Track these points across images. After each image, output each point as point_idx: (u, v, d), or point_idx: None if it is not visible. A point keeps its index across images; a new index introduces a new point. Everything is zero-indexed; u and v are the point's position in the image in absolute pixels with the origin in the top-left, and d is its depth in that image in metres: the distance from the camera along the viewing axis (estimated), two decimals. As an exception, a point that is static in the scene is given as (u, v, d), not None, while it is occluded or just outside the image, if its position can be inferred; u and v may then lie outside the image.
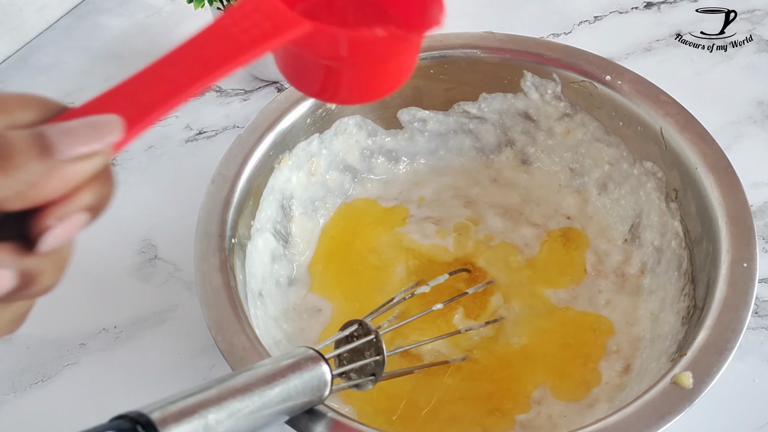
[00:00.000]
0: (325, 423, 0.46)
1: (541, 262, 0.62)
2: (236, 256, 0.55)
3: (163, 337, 0.61)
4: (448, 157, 0.68)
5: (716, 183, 0.55)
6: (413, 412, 0.55)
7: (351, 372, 0.49)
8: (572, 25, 0.80)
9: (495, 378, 0.57)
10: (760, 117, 0.72)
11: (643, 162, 0.61)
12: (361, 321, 0.49)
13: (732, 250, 0.52)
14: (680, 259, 0.57)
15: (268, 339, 0.55)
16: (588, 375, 0.56)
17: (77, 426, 0.37)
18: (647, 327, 0.58)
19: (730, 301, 0.50)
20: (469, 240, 0.64)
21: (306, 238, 0.63)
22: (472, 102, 0.65)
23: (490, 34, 0.64)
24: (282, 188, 0.61)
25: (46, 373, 0.60)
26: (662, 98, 0.60)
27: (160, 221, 0.67)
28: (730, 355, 0.48)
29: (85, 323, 0.62)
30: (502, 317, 0.59)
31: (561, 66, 0.62)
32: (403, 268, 0.62)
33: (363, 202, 0.66)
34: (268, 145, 0.59)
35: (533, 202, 0.66)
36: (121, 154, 0.72)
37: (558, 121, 0.64)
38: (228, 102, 0.75)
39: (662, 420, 0.46)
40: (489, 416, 0.55)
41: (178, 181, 0.70)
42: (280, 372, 0.43)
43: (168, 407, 0.38)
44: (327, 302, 0.61)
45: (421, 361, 0.57)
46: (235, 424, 0.40)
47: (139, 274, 0.65)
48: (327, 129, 0.63)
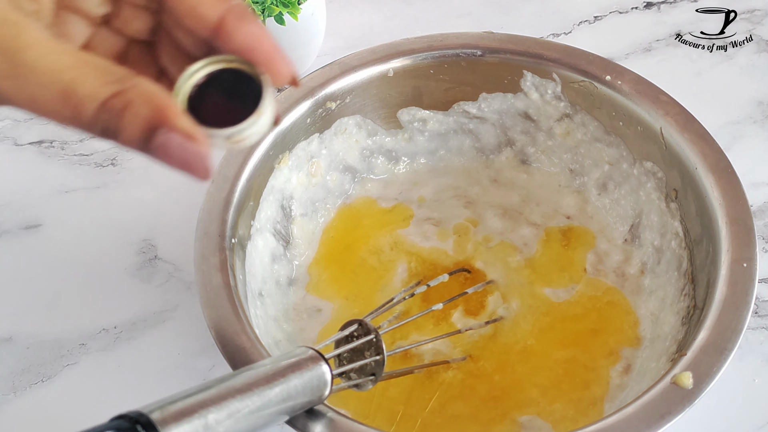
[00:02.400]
0: (325, 423, 0.46)
1: (540, 262, 0.62)
2: (236, 256, 0.55)
3: (163, 337, 0.61)
4: (448, 157, 0.68)
5: (716, 183, 0.55)
6: (413, 411, 0.55)
7: (351, 372, 0.49)
8: (572, 25, 0.80)
9: (495, 378, 0.57)
10: (760, 117, 0.72)
11: (643, 162, 0.61)
12: (361, 321, 0.49)
13: (732, 250, 0.52)
14: (680, 259, 0.57)
15: (268, 339, 0.55)
16: (588, 374, 0.56)
17: (77, 426, 0.37)
18: (647, 327, 0.58)
19: (730, 301, 0.50)
20: (469, 242, 0.64)
21: (306, 239, 0.63)
22: (472, 102, 0.65)
23: (490, 34, 0.64)
24: (282, 188, 0.61)
25: (46, 373, 0.60)
26: (662, 98, 0.60)
27: (160, 221, 0.67)
28: (730, 355, 0.48)
29: (85, 323, 0.62)
30: (502, 317, 0.59)
31: (561, 66, 0.62)
32: (403, 269, 0.62)
33: (363, 203, 0.66)
34: (268, 145, 0.59)
35: (533, 202, 0.66)
36: (120, 154, 0.72)
37: (558, 121, 0.64)
38: (228, 102, 0.75)
39: (662, 420, 0.46)
40: (489, 416, 0.55)
41: (178, 181, 0.69)
42: (280, 372, 0.43)
43: (168, 407, 0.38)
44: (327, 302, 0.61)
45: (421, 360, 0.57)
46: (235, 424, 0.40)
47: (139, 274, 0.65)
48: (327, 129, 0.63)
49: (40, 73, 0.30)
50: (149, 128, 0.31)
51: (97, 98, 0.30)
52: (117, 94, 0.30)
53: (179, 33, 0.35)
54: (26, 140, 0.73)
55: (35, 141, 0.73)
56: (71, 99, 0.30)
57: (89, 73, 0.30)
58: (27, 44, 0.30)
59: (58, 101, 0.30)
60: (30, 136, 0.73)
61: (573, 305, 0.60)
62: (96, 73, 0.31)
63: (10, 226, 0.68)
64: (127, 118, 0.30)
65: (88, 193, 0.70)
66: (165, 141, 0.31)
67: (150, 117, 0.30)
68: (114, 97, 0.30)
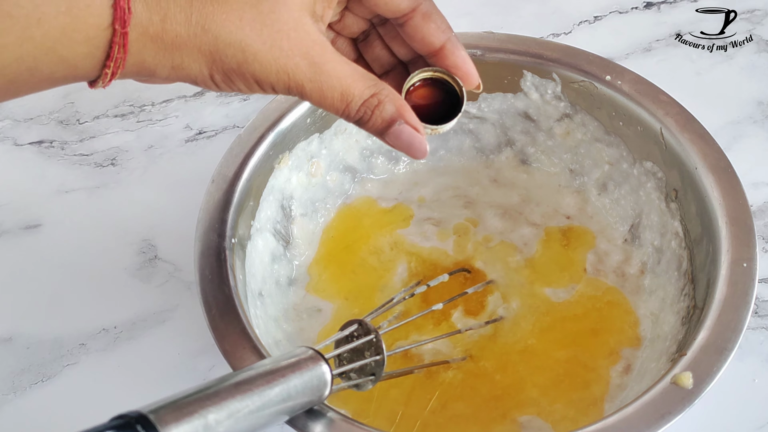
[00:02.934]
0: (325, 423, 0.46)
1: (540, 262, 0.62)
2: (236, 256, 0.55)
3: (163, 337, 0.61)
4: (448, 157, 0.68)
5: (716, 183, 0.55)
6: (413, 412, 0.55)
7: (351, 372, 0.49)
8: (572, 25, 0.80)
9: (495, 378, 0.57)
10: (760, 117, 0.72)
11: (643, 162, 0.61)
12: (361, 321, 0.49)
13: (732, 250, 0.52)
14: (680, 259, 0.57)
15: (268, 339, 0.55)
16: (588, 374, 0.56)
17: (77, 426, 0.37)
18: (647, 327, 0.58)
19: (730, 301, 0.50)
20: (469, 242, 0.64)
21: (306, 239, 0.63)
22: (472, 102, 0.65)
23: (490, 34, 0.64)
24: (282, 188, 0.61)
25: (46, 373, 0.60)
26: (662, 98, 0.60)
27: (160, 221, 0.67)
28: (730, 355, 0.48)
29: (85, 323, 0.62)
30: (502, 317, 0.59)
31: (561, 66, 0.62)
32: (403, 269, 0.62)
33: (363, 203, 0.66)
34: (268, 145, 0.59)
35: (533, 202, 0.66)
36: (120, 154, 0.72)
37: (558, 121, 0.64)
38: (228, 102, 0.75)
39: (662, 420, 0.46)
40: (489, 416, 0.55)
41: (178, 181, 0.70)
42: (280, 372, 0.43)
43: (168, 407, 0.38)
44: (327, 302, 0.61)
45: (421, 360, 0.57)
46: (235, 423, 0.40)
47: (139, 274, 0.65)
48: (327, 129, 0.63)
49: (332, 78, 0.42)
50: (391, 121, 0.44)
51: (362, 98, 0.43)
52: (373, 96, 0.43)
53: (397, 46, 0.48)
54: (26, 140, 0.73)
55: (35, 141, 0.73)
56: (347, 97, 0.43)
57: (359, 80, 0.43)
58: (328, 59, 0.42)
59: (338, 98, 0.43)
60: (30, 136, 0.73)
61: (573, 305, 0.60)
62: (363, 79, 0.43)
63: (10, 226, 0.68)
64: (377, 113, 0.43)
65: (88, 193, 0.70)
66: (399, 131, 0.44)
67: (393, 113, 0.44)
68: (372, 97, 0.43)
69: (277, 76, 0.42)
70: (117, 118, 0.74)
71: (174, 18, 0.40)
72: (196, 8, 0.40)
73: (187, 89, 0.76)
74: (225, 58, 0.41)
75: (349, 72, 0.43)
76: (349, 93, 0.43)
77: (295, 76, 0.42)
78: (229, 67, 0.41)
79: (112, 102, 0.75)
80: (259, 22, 0.41)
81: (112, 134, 0.73)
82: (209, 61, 0.41)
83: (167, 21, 0.40)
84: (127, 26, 0.39)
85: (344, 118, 0.44)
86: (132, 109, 0.74)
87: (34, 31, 0.38)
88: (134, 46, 0.40)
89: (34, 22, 0.38)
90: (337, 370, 0.47)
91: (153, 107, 0.75)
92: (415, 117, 0.44)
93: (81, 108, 0.75)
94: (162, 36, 0.40)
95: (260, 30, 0.41)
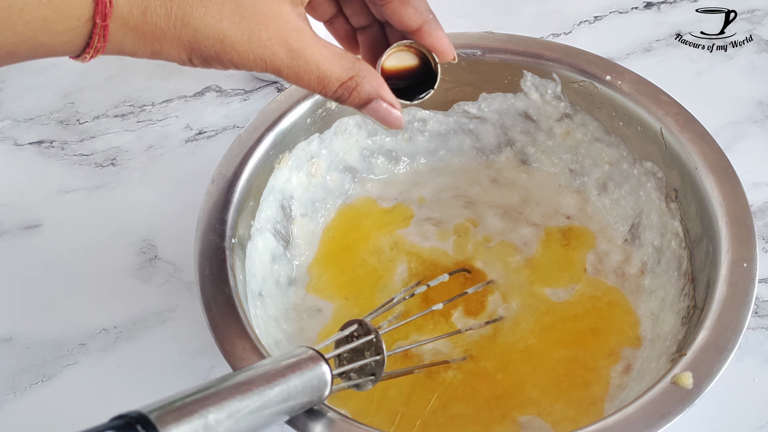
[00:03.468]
0: (325, 423, 0.46)
1: (540, 262, 0.62)
2: (236, 256, 0.55)
3: (163, 337, 0.61)
4: (448, 157, 0.68)
5: (716, 183, 0.55)
6: (413, 412, 0.55)
7: (351, 372, 0.49)
8: (572, 25, 0.80)
9: (495, 378, 0.57)
10: (760, 117, 0.72)
11: (643, 162, 0.61)
12: (361, 321, 0.49)
13: (732, 250, 0.52)
14: (680, 259, 0.57)
15: (268, 339, 0.55)
16: (588, 374, 0.56)
17: (77, 426, 0.37)
18: (647, 327, 0.58)
19: (730, 301, 0.50)
20: (469, 242, 0.64)
21: (306, 239, 0.63)
22: (472, 102, 0.65)
23: (490, 34, 0.64)
24: (282, 188, 0.61)
25: (46, 373, 0.60)
26: (662, 98, 0.60)
27: (160, 221, 0.67)
28: (730, 355, 0.48)
29: (85, 323, 0.62)
30: (502, 317, 0.59)
31: (561, 66, 0.62)
32: (403, 269, 0.62)
33: (363, 203, 0.66)
34: (268, 145, 0.59)
35: (533, 202, 0.66)
36: (120, 154, 0.72)
37: (558, 121, 0.64)
38: (228, 102, 0.75)
39: (662, 420, 0.46)
40: (489, 416, 0.55)
41: (178, 181, 0.70)
42: (280, 372, 0.43)
43: (168, 407, 0.38)
44: (327, 302, 0.61)
45: (421, 360, 0.57)
46: (235, 423, 0.40)
47: (139, 274, 0.65)
48: (327, 129, 0.63)
49: (310, 63, 0.44)
50: (368, 100, 0.46)
51: (339, 80, 0.45)
52: (351, 78, 0.45)
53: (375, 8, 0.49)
54: (26, 140, 0.73)
55: (35, 141, 0.73)
56: (324, 80, 0.44)
57: (336, 63, 0.44)
58: (306, 45, 0.44)
59: (315, 81, 0.44)
60: (30, 136, 0.73)
61: (573, 305, 0.60)
62: (341, 62, 0.45)
63: (10, 226, 0.68)
64: (355, 94, 0.46)
65: (88, 193, 0.70)
66: (376, 107, 0.46)
67: (370, 93, 0.46)
68: (350, 79, 0.45)
69: (254, 63, 0.43)
70: (117, 118, 0.74)
71: (154, 12, 0.41)
72: (176, 2, 0.41)
73: (187, 89, 0.76)
74: (204, 48, 0.42)
75: (327, 56, 0.44)
76: (326, 76, 0.44)
77: (273, 62, 0.43)
78: (208, 55, 0.43)
79: (112, 102, 0.75)
80: (237, 15, 0.42)
81: (112, 134, 0.73)
82: (188, 50, 0.42)
83: (147, 14, 0.41)
84: (107, 19, 0.40)
85: (322, 96, 0.46)
86: (132, 109, 0.75)
87: (16, 21, 0.39)
88: (114, 36, 0.41)
89: (15, 13, 0.38)
90: (337, 370, 0.47)
91: (153, 107, 0.75)
92: (391, 94, 0.47)
93: (81, 108, 0.75)
94: (142, 27, 0.41)
95: (239, 22, 0.42)
